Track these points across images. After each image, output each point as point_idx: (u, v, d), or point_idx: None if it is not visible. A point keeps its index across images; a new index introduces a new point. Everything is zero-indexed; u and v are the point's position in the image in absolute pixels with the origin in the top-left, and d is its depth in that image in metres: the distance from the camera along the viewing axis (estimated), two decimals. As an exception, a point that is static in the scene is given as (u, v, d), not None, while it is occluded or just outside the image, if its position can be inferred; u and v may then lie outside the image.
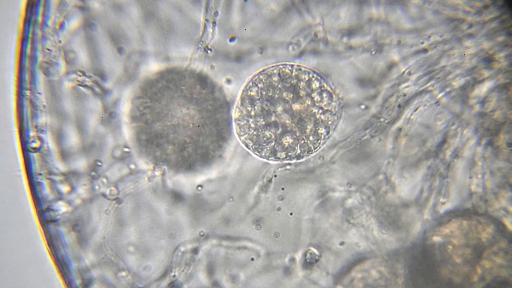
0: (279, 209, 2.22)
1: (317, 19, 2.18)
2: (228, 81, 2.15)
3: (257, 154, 2.19)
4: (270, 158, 2.15)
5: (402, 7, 2.18)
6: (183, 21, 2.17)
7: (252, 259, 2.22)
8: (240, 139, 2.18)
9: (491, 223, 2.19)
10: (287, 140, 2.16)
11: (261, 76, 2.17)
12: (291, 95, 2.18)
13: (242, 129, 2.10)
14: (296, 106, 2.17)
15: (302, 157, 2.20)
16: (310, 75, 2.18)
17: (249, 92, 2.12)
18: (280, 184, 2.22)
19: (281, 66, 2.18)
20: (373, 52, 2.15)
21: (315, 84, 2.17)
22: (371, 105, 2.21)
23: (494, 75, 2.19)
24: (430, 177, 2.21)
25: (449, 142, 2.21)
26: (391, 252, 2.22)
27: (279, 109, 2.16)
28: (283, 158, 2.19)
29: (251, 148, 2.17)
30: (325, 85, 2.19)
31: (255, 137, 2.07)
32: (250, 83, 2.18)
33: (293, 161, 2.21)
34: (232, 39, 2.17)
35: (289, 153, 2.18)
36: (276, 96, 2.17)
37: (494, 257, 2.18)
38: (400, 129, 2.21)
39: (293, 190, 2.23)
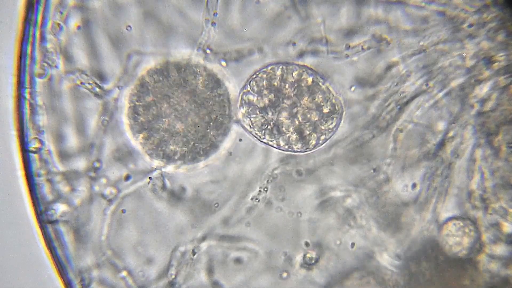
0: (279, 209, 2.22)
1: (319, 19, 2.18)
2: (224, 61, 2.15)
3: (258, 138, 2.19)
4: (276, 139, 2.14)
5: (402, 7, 2.18)
6: (183, 21, 2.17)
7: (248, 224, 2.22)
8: (243, 120, 2.18)
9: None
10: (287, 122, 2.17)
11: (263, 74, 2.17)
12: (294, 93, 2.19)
13: (248, 113, 2.11)
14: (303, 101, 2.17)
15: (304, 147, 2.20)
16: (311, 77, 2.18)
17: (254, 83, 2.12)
18: (280, 184, 2.22)
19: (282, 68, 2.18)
20: (352, 89, 2.17)
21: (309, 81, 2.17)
22: (370, 105, 2.21)
23: (494, 75, 2.19)
24: (430, 177, 2.21)
25: (449, 142, 2.21)
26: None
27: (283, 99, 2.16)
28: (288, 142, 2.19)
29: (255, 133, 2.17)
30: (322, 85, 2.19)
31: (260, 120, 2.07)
32: (251, 82, 2.18)
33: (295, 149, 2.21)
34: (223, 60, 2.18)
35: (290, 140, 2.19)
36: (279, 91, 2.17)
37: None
38: (400, 130, 2.21)
39: (293, 190, 2.22)
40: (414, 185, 2.21)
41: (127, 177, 2.20)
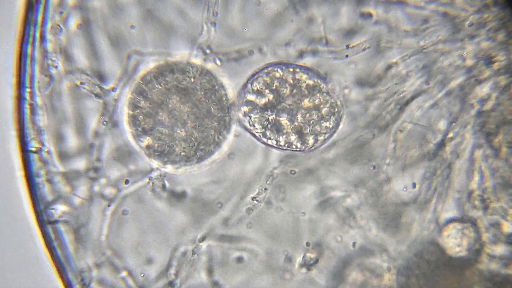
0: (279, 209, 2.22)
1: (319, 19, 2.18)
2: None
3: (258, 135, 2.19)
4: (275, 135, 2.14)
5: (402, 7, 2.18)
6: (183, 21, 2.17)
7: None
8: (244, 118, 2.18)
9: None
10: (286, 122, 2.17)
11: (265, 77, 2.18)
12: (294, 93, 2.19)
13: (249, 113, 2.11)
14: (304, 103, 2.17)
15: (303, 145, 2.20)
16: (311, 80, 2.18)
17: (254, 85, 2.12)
18: (280, 184, 2.22)
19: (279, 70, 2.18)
20: (346, 92, 2.16)
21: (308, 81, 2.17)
22: (370, 105, 2.21)
23: (494, 75, 2.19)
24: (430, 177, 2.21)
25: (449, 142, 2.21)
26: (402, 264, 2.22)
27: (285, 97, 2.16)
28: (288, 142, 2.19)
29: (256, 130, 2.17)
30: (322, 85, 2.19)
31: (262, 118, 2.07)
32: (251, 84, 2.18)
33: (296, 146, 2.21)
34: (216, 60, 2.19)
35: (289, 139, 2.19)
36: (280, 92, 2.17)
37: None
38: (400, 130, 2.21)
39: (293, 190, 2.22)
40: (414, 185, 2.21)
41: (126, 182, 2.20)
